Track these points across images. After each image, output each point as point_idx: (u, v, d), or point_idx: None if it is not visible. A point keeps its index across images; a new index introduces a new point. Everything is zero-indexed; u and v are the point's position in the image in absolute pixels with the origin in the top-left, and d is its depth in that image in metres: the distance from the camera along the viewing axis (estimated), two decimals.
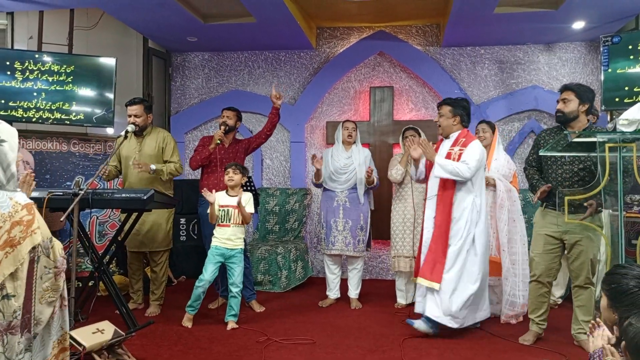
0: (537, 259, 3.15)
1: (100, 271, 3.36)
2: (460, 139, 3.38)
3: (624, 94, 4.10)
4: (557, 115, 3.06)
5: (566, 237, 3.03)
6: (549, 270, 3.13)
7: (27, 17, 4.76)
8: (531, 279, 3.23)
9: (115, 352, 2.66)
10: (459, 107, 3.42)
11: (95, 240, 4.66)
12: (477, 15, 4.29)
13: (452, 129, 3.44)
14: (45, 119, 4.45)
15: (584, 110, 3.00)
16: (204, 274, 3.52)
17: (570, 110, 3.00)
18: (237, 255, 3.55)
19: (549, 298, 3.21)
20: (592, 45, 5.07)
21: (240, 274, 3.56)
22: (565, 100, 3.02)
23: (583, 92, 2.99)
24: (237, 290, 3.53)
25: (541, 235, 3.12)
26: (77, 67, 4.52)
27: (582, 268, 3.00)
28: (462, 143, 3.34)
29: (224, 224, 3.55)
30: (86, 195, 3.03)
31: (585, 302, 3.04)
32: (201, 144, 4.04)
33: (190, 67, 5.69)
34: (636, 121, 2.33)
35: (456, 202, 3.31)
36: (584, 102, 2.99)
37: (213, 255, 3.55)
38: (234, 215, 3.54)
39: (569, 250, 3.05)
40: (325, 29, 5.46)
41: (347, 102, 5.47)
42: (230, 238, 3.54)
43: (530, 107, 5.16)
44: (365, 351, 3.06)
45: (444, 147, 3.44)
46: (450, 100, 3.47)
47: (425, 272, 3.31)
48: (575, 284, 3.06)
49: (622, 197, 2.44)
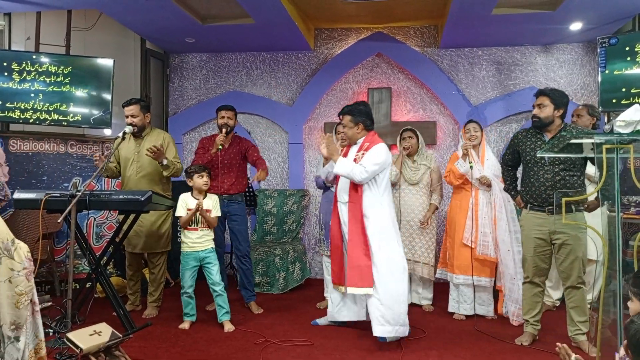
0: (529, 260, 3.18)
1: (97, 273, 3.35)
2: (365, 143, 3.36)
3: (621, 95, 4.11)
4: (534, 120, 3.14)
5: (554, 237, 3.07)
6: (541, 270, 3.17)
7: (24, 18, 4.75)
8: (524, 280, 3.26)
9: (113, 354, 2.65)
10: (359, 114, 3.38)
11: (92, 242, 4.65)
12: (475, 16, 4.30)
13: (357, 136, 3.41)
14: (42, 120, 4.44)
15: (558, 115, 3.08)
16: (183, 282, 3.52)
17: (545, 115, 3.08)
18: (209, 255, 3.54)
19: (542, 298, 3.23)
20: (590, 46, 5.08)
21: (218, 272, 3.54)
22: (540, 105, 3.09)
23: (558, 98, 3.06)
24: (220, 288, 3.52)
25: (531, 238, 3.15)
26: (75, 68, 4.51)
27: (572, 268, 3.03)
28: (365, 147, 3.33)
29: (192, 228, 3.52)
30: (83, 196, 3.03)
31: (579, 303, 3.06)
32: (200, 146, 4.01)
33: (188, 68, 5.69)
34: (633, 122, 2.33)
35: (366, 203, 3.27)
36: (559, 107, 3.07)
37: (186, 261, 3.52)
38: (201, 218, 3.52)
39: (557, 251, 3.08)
40: (323, 30, 5.46)
41: (345, 103, 5.40)
42: (198, 241, 3.52)
43: (527, 108, 5.15)
44: (364, 352, 3.06)
45: (351, 153, 3.42)
46: (348, 109, 3.41)
47: (355, 280, 3.20)
48: (567, 285, 3.08)
49: (619, 198, 2.45)
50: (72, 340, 2.46)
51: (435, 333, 3.45)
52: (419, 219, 3.98)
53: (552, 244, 3.09)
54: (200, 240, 3.52)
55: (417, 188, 4.03)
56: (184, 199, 3.56)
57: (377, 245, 3.21)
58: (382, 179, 3.31)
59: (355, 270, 3.21)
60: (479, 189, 3.78)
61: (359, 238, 3.23)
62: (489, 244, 3.72)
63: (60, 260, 4.52)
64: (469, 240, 3.74)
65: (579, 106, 4.09)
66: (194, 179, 3.54)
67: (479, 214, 3.76)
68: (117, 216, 4.43)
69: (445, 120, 5.30)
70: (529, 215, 3.17)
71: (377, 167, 3.23)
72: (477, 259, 3.72)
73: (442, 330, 3.51)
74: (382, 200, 3.29)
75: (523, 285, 3.28)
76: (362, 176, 3.20)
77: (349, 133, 3.42)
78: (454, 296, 3.87)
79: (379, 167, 3.24)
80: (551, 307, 4.03)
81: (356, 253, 3.22)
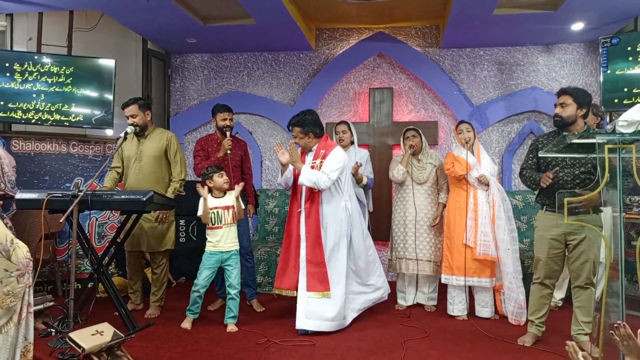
0: (542, 261, 3.15)
1: (99, 273, 3.35)
2: (320, 150, 3.50)
3: (623, 95, 4.10)
4: (555, 120, 3.07)
5: (570, 238, 3.04)
6: (553, 272, 3.14)
7: (26, 18, 4.76)
8: (535, 281, 3.23)
9: (115, 354, 2.65)
10: (307, 124, 3.49)
11: (94, 241, 4.65)
12: (477, 16, 4.30)
13: (309, 145, 3.55)
14: (44, 121, 4.45)
15: (581, 114, 3.01)
16: (199, 279, 3.50)
17: (568, 114, 3.01)
18: (232, 257, 3.54)
19: (550, 300, 3.21)
20: (591, 46, 5.07)
21: (238, 275, 3.55)
22: (563, 104, 3.03)
23: (581, 97, 3.00)
24: (235, 292, 3.52)
25: (546, 239, 3.11)
26: (77, 68, 4.52)
27: (583, 268, 3.01)
28: (322, 155, 3.46)
29: (216, 226, 3.53)
30: (85, 196, 3.03)
31: (585, 303, 3.04)
32: (199, 147, 4.00)
33: (189, 69, 5.69)
34: (635, 122, 2.33)
35: (325, 210, 3.45)
36: (582, 107, 3.00)
37: (208, 260, 3.52)
38: (225, 216, 3.52)
39: (571, 251, 3.06)
40: (325, 30, 5.47)
41: (347, 104, 5.47)
42: (224, 240, 3.52)
43: (529, 108, 5.17)
44: (366, 353, 3.06)
45: (308, 160, 3.55)
46: (296, 120, 3.50)
47: (315, 286, 3.39)
48: (576, 285, 3.07)
49: (622, 198, 2.44)
50: (74, 340, 2.46)
51: (436, 333, 3.45)
52: (428, 218, 3.98)
53: (566, 245, 3.08)
54: (226, 240, 3.52)
55: (425, 187, 4.03)
56: (204, 199, 3.53)
57: (329, 255, 3.42)
58: (345, 183, 3.50)
59: (314, 275, 3.40)
60: (477, 188, 3.78)
61: (315, 244, 3.41)
62: (489, 244, 3.71)
63: (63, 260, 4.53)
64: (470, 241, 3.73)
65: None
66: (215, 178, 3.54)
67: (478, 214, 3.75)
68: (119, 216, 4.44)
69: (447, 120, 5.30)
70: (545, 216, 3.14)
71: (338, 172, 3.40)
72: (477, 259, 3.71)
73: (443, 331, 3.51)
74: (346, 205, 3.49)
75: (532, 286, 3.26)
76: (327, 184, 3.37)
77: (300, 143, 3.56)
78: (451, 298, 3.86)
79: (339, 171, 3.41)
80: (553, 307, 4.02)
81: (314, 258, 3.41)
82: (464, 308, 3.79)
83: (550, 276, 3.15)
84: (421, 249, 3.99)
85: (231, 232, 3.55)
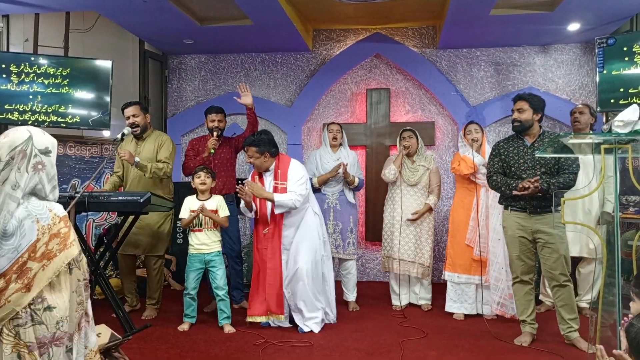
0: (516, 260, 3.24)
1: (96, 274, 3.34)
2: (278, 170, 3.52)
3: (619, 95, 4.11)
4: (515, 125, 3.23)
5: (537, 236, 3.14)
6: (528, 267, 3.24)
7: (22, 19, 4.74)
8: (514, 280, 3.31)
9: (112, 355, 2.64)
10: (263, 144, 3.49)
11: (91, 243, 4.64)
12: (473, 17, 4.31)
13: (265, 164, 3.55)
14: (41, 122, 4.43)
15: (537, 118, 3.19)
16: (187, 283, 3.53)
17: (525, 119, 3.18)
18: (215, 258, 3.55)
19: (533, 296, 3.28)
20: (588, 46, 5.09)
21: (223, 276, 3.55)
22: (520, 110, 3.19)
23: (536, 102, 3.18)
24: (223, 292, 3.53)
25: (515, 238, 3.22)
26: (73, 69, 4.50)
27: (556, 267, 3.09)
28: (281, 175, 3.49)
29: (197, 229, 3.53)
30: (82, 198, 3.02)
31: (567, 301, 3.12)
32: (190, 147, 4.04)
33: (186, 70, 5.69)
34: (631, 122, 2.34)
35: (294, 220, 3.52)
36: (537, 112, 3.18)
37: (192, 263, 3.54)
38: (205, 219, 3.52)
39: (541, 250, 3.16)
40: (322, 31, 5.47)
41: (344, 104, 5.47)
42: (205, 242, 3.53)
43: None
44: (364, 353, 3.06)
45: (267, 181, 3.56)
46: (251, 140, 3.50)
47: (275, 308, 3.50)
48: (554, 284, 3.14)
49: (618, 198, 2.46)
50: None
51: (435, 333, 3.45)
52: (414, 220, 4.00)
53: (535, 241, 3.17)
54: (207, 242, 3.52)
55: (415, 189, 4.05)
56: (188, 201, 3.56)
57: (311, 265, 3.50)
58: (307, 193, 3.54)
59: (274, 297, 3.48)
60: (482, 187, 3.80)
61: (276, 266, 3.50)
62: (487, 245, 3.75)
63: None
64: (471, 241, 3.78)
65: (578, 104, 4.13)
66: (194, 179, 3.56)
67: (479, 213, 3.77)
68: (116, 218, 4.43)
69: (444, 121, 5.31)
70: (511, 216, 3.24)
71: (305, 184, 3.48)
72: (475, 260, 3.74)
73: (441, 331, 3.52)
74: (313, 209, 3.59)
75: (513, 287, 3.33)
76: (300, 201, 3.44)
77: (256, 162, 3.54)
78: (451, 296, 3.87)
79: (306, 183, 3.50)
80: (551, 307, 4.03)
81: (275, 281, 3.49)
82: (473, 307, 3.81)
83: (527, 272, 3.23)
84: (406, 249, 4.00)
85: (212, 235, 3.55)
